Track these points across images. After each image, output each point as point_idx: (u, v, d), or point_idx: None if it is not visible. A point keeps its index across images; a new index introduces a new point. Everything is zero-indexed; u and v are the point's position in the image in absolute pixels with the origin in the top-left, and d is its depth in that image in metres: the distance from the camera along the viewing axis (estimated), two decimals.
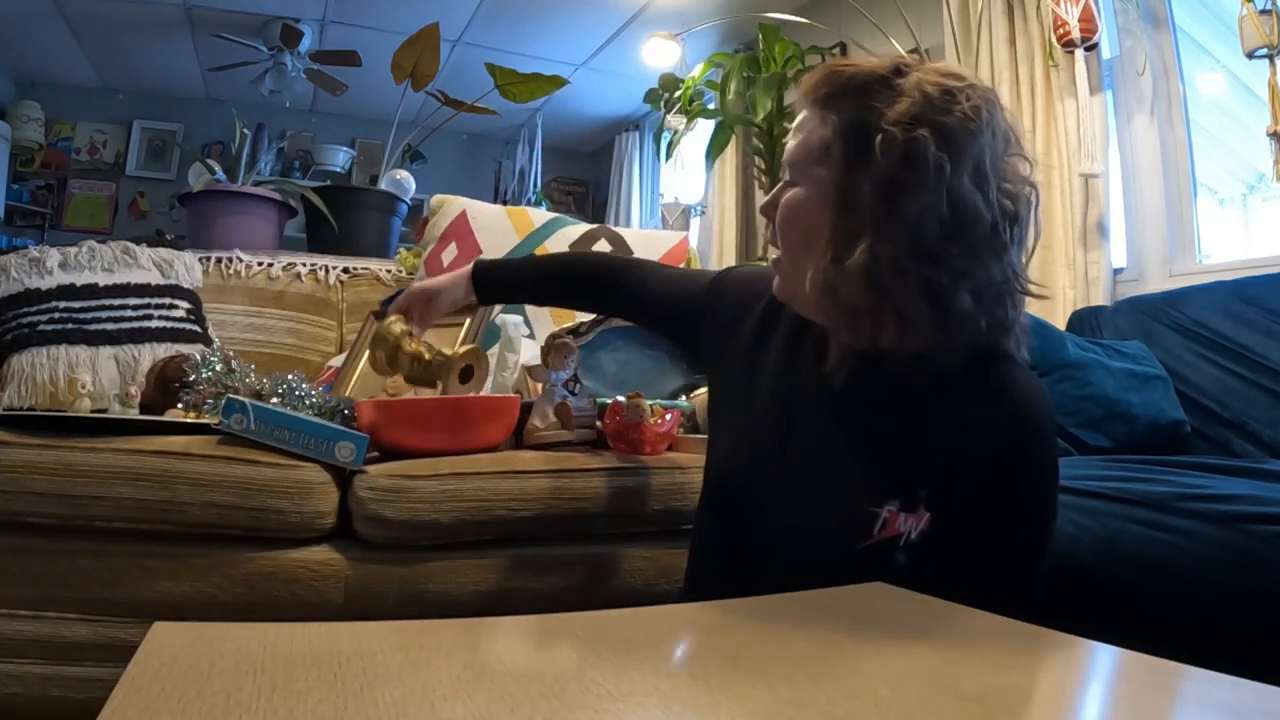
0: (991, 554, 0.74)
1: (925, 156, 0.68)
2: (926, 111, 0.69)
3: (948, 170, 0.68)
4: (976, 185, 0.70)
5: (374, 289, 2.08)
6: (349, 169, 5.09)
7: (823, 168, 0.75)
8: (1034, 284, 0.77)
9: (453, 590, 1.10)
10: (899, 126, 0.69)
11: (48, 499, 1.01)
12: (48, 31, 4.14)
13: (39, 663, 1.01)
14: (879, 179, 0.70)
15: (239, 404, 1.08)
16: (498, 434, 1.25)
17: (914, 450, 0.76)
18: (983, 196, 0.70)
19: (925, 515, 0.75)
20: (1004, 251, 0.72)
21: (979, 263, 0.70)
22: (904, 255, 0.69)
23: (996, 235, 0.71)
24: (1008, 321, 0.74)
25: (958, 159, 0.69)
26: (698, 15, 3.51)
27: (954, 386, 0.74)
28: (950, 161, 0.68)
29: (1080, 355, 1.60)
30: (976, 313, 0.71)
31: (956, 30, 2.52)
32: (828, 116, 0.75)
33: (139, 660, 0.43)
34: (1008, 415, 0.74)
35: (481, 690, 0.41)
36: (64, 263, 1.64)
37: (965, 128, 0.69)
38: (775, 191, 0.81)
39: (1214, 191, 2.31)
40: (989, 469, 0.73)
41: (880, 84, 0.72)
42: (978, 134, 0.70)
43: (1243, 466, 1.28)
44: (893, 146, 0.69)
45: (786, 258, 0.80)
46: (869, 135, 0.71)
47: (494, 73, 2.58)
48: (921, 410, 0.76)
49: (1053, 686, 0.48)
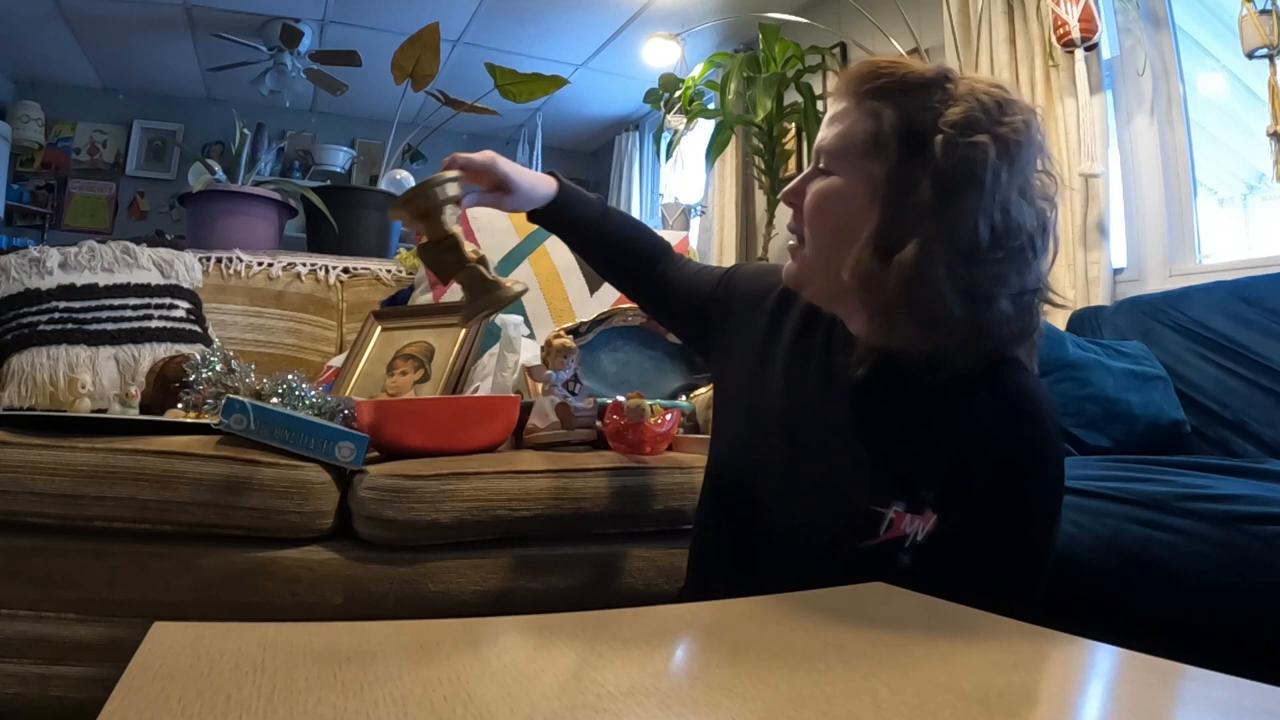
0: (997, 557, 0.75)
1: (985, 163, 0.70)
2: (984, 119, 0.72)
3: (1003, 178, 0.71)
4: (1022, 195, 0.72)
5: (374, 289, 2.08)
6: (349, 169, 5.09)
7: (873, 161, 0.75)
8: (1055, 294, 0.78)
9: (453, 590, 1.10)
10: (958, 129, 0.71)
11: (48, 499, 1.01)
12: (48, 31, 4.13)
13: (39, 663, 1.01)
14: (938, 178, 0.71)
15: (239, 404, 1.08)
16: (498, 434, 1.25)
17: (922, 451, 0.76)
18: (1027, 205, 0.72)
19: (932, 517, 0.75)
20: (1036, 260, 0.74)
21: (1015, 270, 0.72)
22: (955, 255, 0.71)
23: (1032, 244, 0.73)
24: (1030, 329, 0.76)
25: (1012, 168, 0.71)
26: (698, 15, 3.51)
27: (964, 389, 0.75)
28: (1006, 170, 0.71)
29: (1080, 355, 1.60)
30: (1008, 318, 0.73)
31: (956, 30, 2.52)
32: (880, 110, 0.75)
33: (139, 660, 0.43)
34: (1017, 420, 0.75)
35: (481, 690, 0.41)
36: (64, 263, 1.64)
37: (1018, 139, 0.72)
38: (801, 179, 0.81)
39: (1214, 191, 2.31)
40: (997, 472, 0.74)
41: (933, 85, 0.74)
42: (1027, 145, 0.72)
43: (1243, 466, 1.28)
44: (953, 149, 0.71)
45: (813, 245, 0.80)
46: (926, 134, 0.72)
47: (494, 73, 2.58)
48: (931, 411, 0.77)
49: (1053, 686, 0.48)
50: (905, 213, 0.72)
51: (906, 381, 0.77)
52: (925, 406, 0.77)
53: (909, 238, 0.72)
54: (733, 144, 3.37)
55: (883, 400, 0.79)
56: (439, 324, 1.71)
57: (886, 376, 0.78)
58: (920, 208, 0.71)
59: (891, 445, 0.78)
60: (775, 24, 3.04)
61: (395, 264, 2.16)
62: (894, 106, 0.74)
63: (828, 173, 0.79)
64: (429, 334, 1.70)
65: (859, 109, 0.76)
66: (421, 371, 1.63)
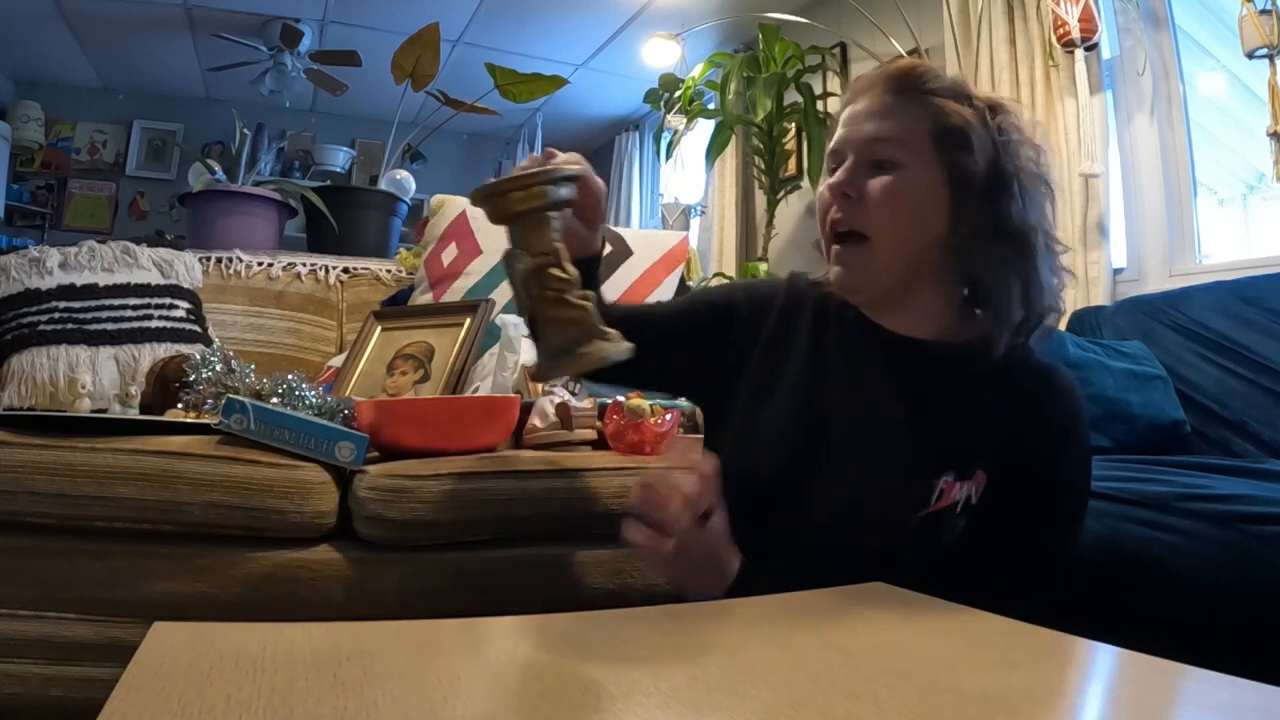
0: (1040, 519, 0.79)
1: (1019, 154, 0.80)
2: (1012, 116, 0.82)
3: (1033, 169, 0.81)
4: (1050, 202, 0.82)
5: (374, 289, 2.08)
6: (349, 169, 5.09)
7: (940, 152, 0.79)
8: (1072, 274, 0.86)
9: (452, 590, 1.10)
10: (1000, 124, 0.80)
11: (48, 499, 1.01)
12: (48, 31, 4.14)
13: (39, 663, 1.00)
14: (995, 171, 0.78)
15: (239, 404, 1.08)
16: (498, 434, 1.25)
17: (969, 429, 0.80)
18: (1053, 211, 0.82)
19: (983, 479, 0.79)
20: (1055, 261, 0.82)
21: (1052, 256, 0.82)
22: (1012, 245, 0.79)
23: (1052, 249, 0.82)
24: (1058, 311, 0.84)
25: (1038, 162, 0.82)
26: (698, 15, 3.51)
27: (998, 375, 0.80)
28: (1034, 163, 0.81)
29: (1080, 355, 1.60)
30: (1048, 307, 0.81)
31: (956, 30, 2.52)
32: (934, 105, 0.79)
33: (139, 660, 0.43)
34: (1060, 396, 0.81)
35: (481, 690, 0.41)
36: (64, 263, 1.64)
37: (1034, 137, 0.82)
38: (850, 173, 0.80)
39: (1214, 191, 2.31)
40: (1044, 443, 0.79)
41: (966, 91, 0.82)
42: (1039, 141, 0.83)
43: (1243, 466, 1.28)
44: (1005, 145, 0.79)
45: (886, 239, 0.80)
46: (974, 130, 0.79)
47: (494, 73, 2.58)
48: (966, 396, 0.80)
49: (1052, 686, 0.48)
50: (970, 204, 0.78)
51: (949, 367, 0.81)
52: (961, 391, 0.81)
53: (977, 221, 0.78)
54: (733, 144, 3.37)
55: (927, 385, 0.82)
56: (439, 324, 1.71)
57: (916, 365, 0.82)
58: (981, 199, 0.78)
59: (940, 426, 0.81)
60: (775, 24, 3.04)
61: (395, 264, 2.16)
62: (943, 102, 0.79)
63: (885, 165, 0.79)
64: (429, 334, 1.70)
65: (915, 104, 0.80)
66: (421, 371, 1.63)
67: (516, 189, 0.67)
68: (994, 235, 0.78)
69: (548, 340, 0.67)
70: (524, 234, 0.67)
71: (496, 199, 0.68)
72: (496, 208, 0.68)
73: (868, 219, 0.80)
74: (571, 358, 0.65)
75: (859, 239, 0.81)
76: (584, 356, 0.64)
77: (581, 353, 0.64)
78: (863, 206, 0.80)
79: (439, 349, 1.65)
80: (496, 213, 0.69)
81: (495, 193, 0.67)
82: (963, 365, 0.80)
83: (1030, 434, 0.79)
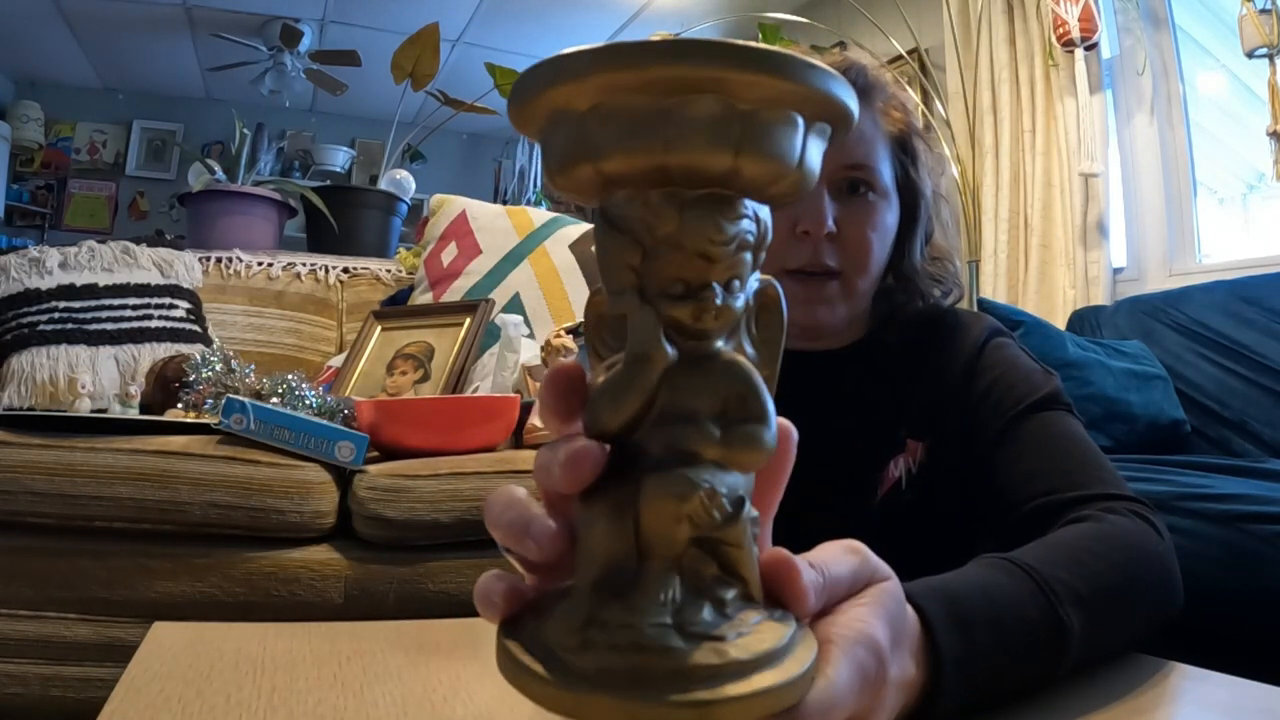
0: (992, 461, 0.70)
1: (924, 142, 0.77)
2: (916, 115, 0.78)
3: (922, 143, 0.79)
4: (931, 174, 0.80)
5: (374, 289, 2.08)
6: (349, 169, 5.08)
7: (889, 164, 0.73)
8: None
9: (453, 590, 1.10)
10: (916, 128, 0.77)
11: (48, 499, 1.01)
12: (48, 31, 4.13)
13: (39, 663, 1.00)
14: (916, 166, 0.76)
15: (239, 404, 1.08)
16: (498, 434, 1.25)
17: (886, 404, 0.74)
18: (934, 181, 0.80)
19: (917, 447, 0.72)
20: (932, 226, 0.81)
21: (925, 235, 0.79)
22: (934, 232, 0.78)
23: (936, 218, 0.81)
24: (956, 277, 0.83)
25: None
26: (698, 15, 3.52)
27: (882, 343, 0.76)
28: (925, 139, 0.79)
29: (1080, 355, 1.60)
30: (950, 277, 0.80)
31: (956, 30, 2.52)
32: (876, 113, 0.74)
33: (139, 660, 0.43)
34: (945, 337, 0.76)
35: (481, 690, 0.41)
36: (64, 263, 1.64)
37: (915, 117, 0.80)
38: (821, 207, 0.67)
39: (1214, 191, 2.31)
40: (961, 383, 0.73)
41: (882, 82, 0.76)
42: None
43: (1243, 466, 1.28)
44: (919, 134, 0.77)
45: (867, 274, 0.71)
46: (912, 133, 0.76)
47: (494, 73, 2.59)
48: (877, 377, 0.75)
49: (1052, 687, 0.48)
50: (918, 219, 0.76)
51: (840, 366, 0.75)
52: (879, 368, 0.75)
53: (915, 227, 0.76)
54: None
55: (847, 376, 0.75)
56: (439, 324, 1.71)
57: (813, 369, 0.74)
58: (913, 197, 0.75)
59: (857, 424, 0.74)
60: (775, 24, 3.04)
61: (395, 264, 2.16)
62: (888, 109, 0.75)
63: (860, 189, 0.70)
64: (429, 334, 1.70)
65: (868, 114, 0.72)
66: (421, 371, 1.63)
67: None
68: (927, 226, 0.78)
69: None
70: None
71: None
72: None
73: (842, 258, 0.69)
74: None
75: (830, 275, 0.69)
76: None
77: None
78: (844, 246, 0.69)
79: (439, 349, 1.65)
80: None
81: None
82: (856, 359, 0.75)
83: (937, 386, 0.72)
